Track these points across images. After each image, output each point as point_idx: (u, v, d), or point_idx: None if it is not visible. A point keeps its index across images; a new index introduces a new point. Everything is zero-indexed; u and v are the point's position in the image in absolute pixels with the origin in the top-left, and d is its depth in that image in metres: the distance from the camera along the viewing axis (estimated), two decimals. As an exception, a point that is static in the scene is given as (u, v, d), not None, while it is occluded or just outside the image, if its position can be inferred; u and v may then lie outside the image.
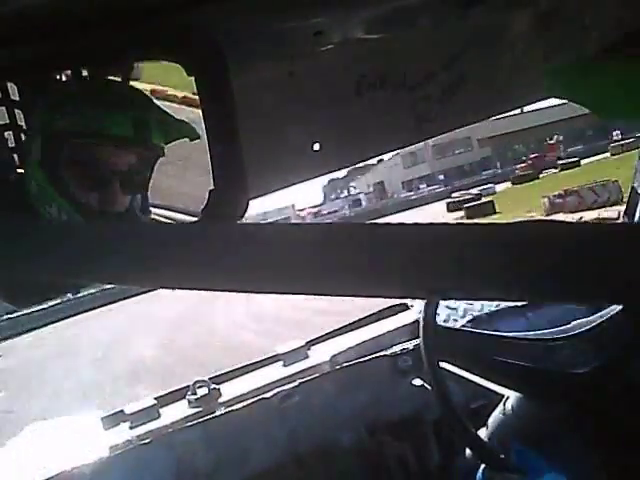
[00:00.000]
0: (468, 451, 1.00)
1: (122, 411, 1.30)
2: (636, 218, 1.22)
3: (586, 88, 0.59)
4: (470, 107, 0.84)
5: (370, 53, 0.72)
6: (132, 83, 0.67)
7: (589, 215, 11.23)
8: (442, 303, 1.11)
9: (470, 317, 1.42)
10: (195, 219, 0.68)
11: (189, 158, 0.75)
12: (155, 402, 1.29)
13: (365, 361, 1.32)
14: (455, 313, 1.47)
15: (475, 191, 23.95)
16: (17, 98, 0.66)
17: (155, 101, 0.67)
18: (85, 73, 0.67)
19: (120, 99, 0.64)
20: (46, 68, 0.60)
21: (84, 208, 0.64)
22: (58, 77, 0.66)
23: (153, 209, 0.75)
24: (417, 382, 1.30)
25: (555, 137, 30.60)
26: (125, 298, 17.30)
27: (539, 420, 0.90)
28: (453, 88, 0.79)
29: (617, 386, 0.92)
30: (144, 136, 0.65)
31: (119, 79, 0.67)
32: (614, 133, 30.57)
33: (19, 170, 0.67)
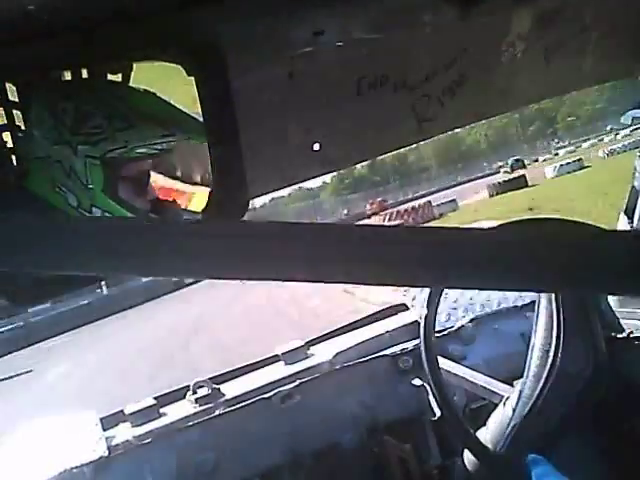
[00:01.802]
0: (467, 451, 1.00)
1: (122, 411, 1.30)
2: (635, 217, 1.22)
3: None
4: (470, 107, 0.84)
5: (370, 53, 0.72)
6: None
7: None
8: (442, 304, 1.11)
9: (470, 317, 1.42)
10: (196, 218, 0.68)
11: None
12: (155, 402, 1.29)
13: (365, 361, 1.32)
14: (455, 313, 1.47)
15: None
16: (16, 99, 0.66)
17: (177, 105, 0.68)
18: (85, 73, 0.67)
19: (171, 118, 0.67)
20: (46, 68, 0.59)
21: (145, 215, 0.68)
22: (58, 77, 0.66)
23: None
24: (417, 382, 1.30)
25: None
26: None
27: (539, 420, 0.90)
28: (453, 88, 0.79)
29: (617, 386, 0.92)
30: None
31: (119, 80, 0.67)
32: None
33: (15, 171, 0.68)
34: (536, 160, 42.01)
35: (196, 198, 0.75)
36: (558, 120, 61.75)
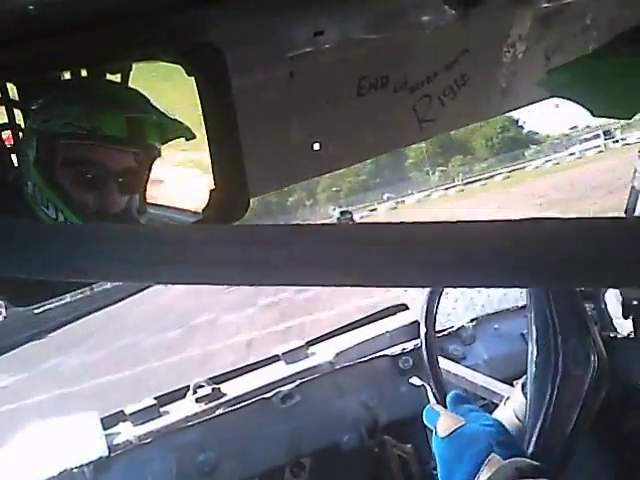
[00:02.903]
0: None
1: (122, 411, 1.30)
2: (636, 218, 1.22)
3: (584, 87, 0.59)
4: (471, 107, 0.84)
5: (371, 53, 0.72)
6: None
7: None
8: (442, 304, 1.11)
9: (470, 317, 1.42)
10: (196, 219, 0.68)
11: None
12: (155, 402, 1.29)
13: (365, 361, 1.32)
14: (455, 313, 1.47)
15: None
16: (16, 98, 0.66)
17: (152, 101, 0.66)
18: (84, 73, 0.66)
19: (114, 99, 0.64)
20: (46, 68, 0.59)
21: (81, 209, 0.64)
22: (57, 77, 0.66)
23: (155, 209, 0.75)
24: (416, 381, 1.30)
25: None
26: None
27: (557, 427, 0.90)
28: (454, 88, 0.79)
29: (617, 387, 0.92)
30: (139, 137, 0.65)
31: (118, 80, 0.67)
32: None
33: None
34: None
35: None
36: (318, 191, 61.98)
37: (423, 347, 1.03)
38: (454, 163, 52.78)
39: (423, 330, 1.03)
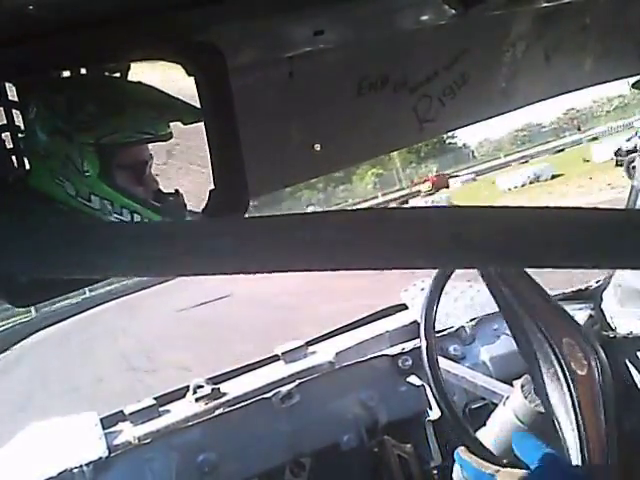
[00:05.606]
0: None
1: (122, 411, 1.30)
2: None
3: None
4: (471, 107, 0.84)
5: (370, 53, 0.72)
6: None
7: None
8: (442, 304, 1.11)
9: (470, 317, 1.42)
10: (196, 218, 0.68)
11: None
12: (155, 402, 1.29)
13: (365, 361, 1.32)
14: (455, 313, 1.47)
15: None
16: (15, 99, 0.66)
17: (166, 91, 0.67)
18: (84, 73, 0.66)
19: (157, 102, 0.66)
20: (46, 68, 0.59)
21: (153, 206, 0.67)
22: (59, 79, 0.66)
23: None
24: (416, 381, 1.30)
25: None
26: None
27: (539, 420, 0.90)
28: (454, 88, 0.79)
29: (617, 386, 0.92)
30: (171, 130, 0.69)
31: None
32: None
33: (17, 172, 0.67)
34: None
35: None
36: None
37: (423, 347, 1.03)
38: (362, 175, 44.55)
39: (423, 330, 1.03)
